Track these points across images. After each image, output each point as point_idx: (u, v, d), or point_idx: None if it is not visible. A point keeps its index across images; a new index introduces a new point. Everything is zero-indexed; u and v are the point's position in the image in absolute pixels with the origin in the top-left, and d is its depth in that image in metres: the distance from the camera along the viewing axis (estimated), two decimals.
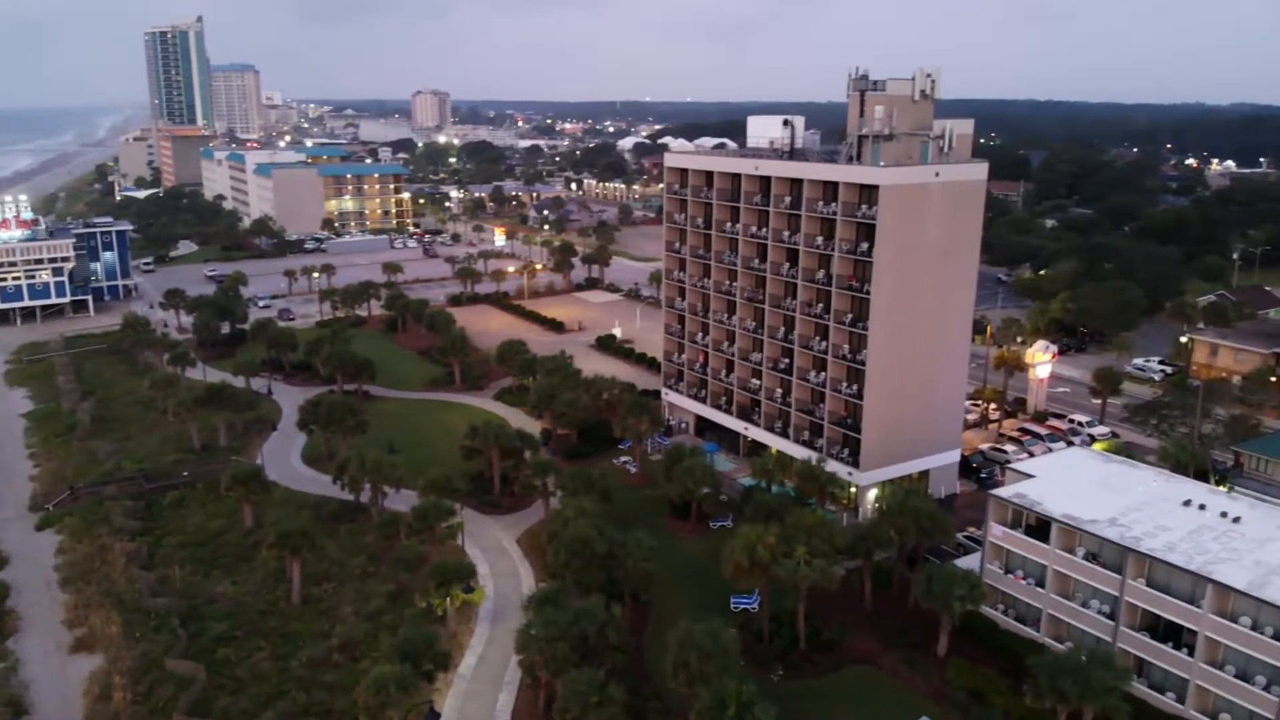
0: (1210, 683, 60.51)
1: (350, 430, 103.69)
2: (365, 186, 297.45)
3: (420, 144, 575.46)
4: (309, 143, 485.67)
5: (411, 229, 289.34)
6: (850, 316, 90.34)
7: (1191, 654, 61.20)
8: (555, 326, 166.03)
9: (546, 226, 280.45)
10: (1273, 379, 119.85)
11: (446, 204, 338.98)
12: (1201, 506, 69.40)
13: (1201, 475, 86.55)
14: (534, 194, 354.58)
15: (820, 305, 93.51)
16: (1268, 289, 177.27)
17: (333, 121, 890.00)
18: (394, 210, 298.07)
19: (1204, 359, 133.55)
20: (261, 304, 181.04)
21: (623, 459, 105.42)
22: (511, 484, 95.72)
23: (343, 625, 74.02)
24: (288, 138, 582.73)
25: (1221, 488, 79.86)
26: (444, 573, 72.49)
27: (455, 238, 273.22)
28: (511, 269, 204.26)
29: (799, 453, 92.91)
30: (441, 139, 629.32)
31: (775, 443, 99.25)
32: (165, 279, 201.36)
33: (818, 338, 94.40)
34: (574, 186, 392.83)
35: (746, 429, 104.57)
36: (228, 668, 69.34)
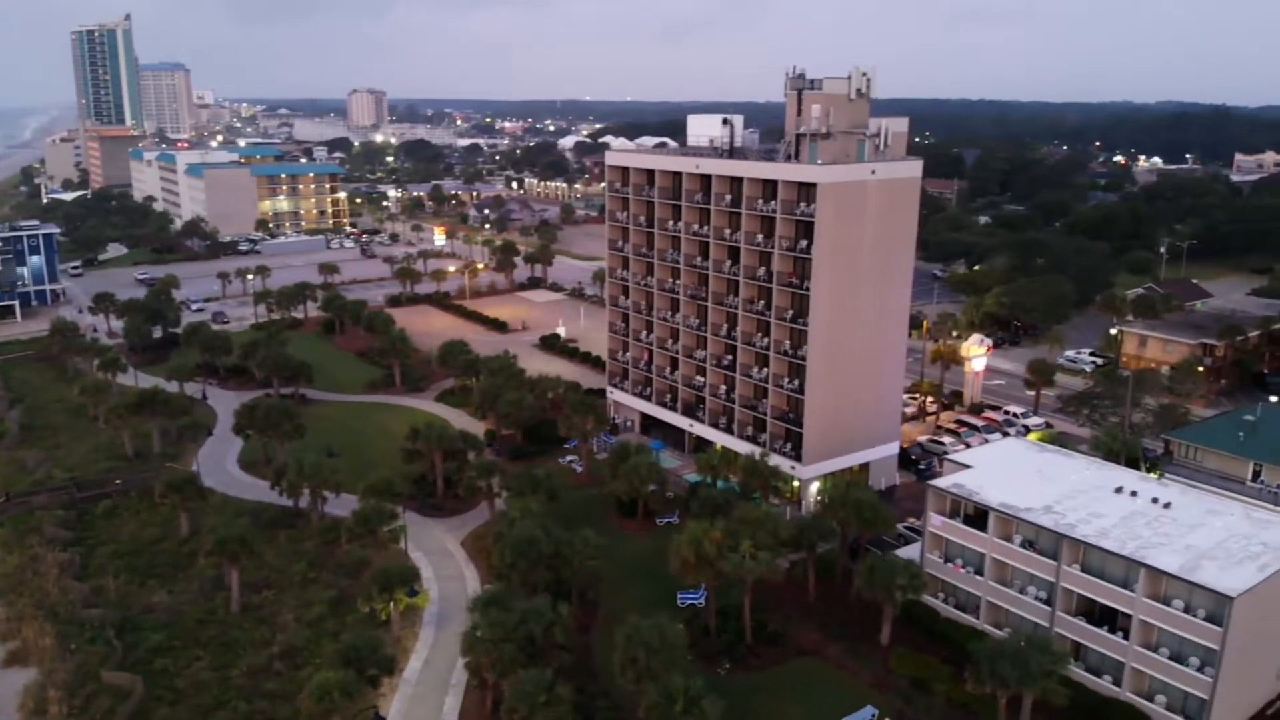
0: (1145, 665, 62.20)
1: (288, 434, 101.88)
2: (300, 186, 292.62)
3: (357, 143, 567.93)
4: (242, 142, 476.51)
5: (348, 229, 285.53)
6: (791, 313, 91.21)
7: (1126, 637, 62.85)
8: (498, 326, 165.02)
9: (487, 225, 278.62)
10: (1200, 369, 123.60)
11: (384, 203, 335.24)
12: (1133, 493, 71.32)
13: (1133, 463, 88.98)
14: (474, 193, 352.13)
15: (762, 302, 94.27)
16: (1194, 282, 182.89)
17: (266, 121, 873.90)
18: (330, 210, 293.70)
19: (1133, 350, 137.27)
20: (194, 307, 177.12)
21: (568, 458, 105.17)
22: (455, 486, 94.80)
23: (283, 633, 72.79)
24: (220, 137, 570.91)
25: (1152, 475, 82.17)
26: (387, 577, 71.60)
27: (394, 237, 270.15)
28: (452, 268, 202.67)
29: (743, 448, 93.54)
30: (378, 138, 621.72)
31: (720, 439, 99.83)
32: (94, 283, 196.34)
33: (760, 334, 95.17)
34: (515, 185, 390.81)
35: (691, 425, 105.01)
36: (166, 678, 67.78)
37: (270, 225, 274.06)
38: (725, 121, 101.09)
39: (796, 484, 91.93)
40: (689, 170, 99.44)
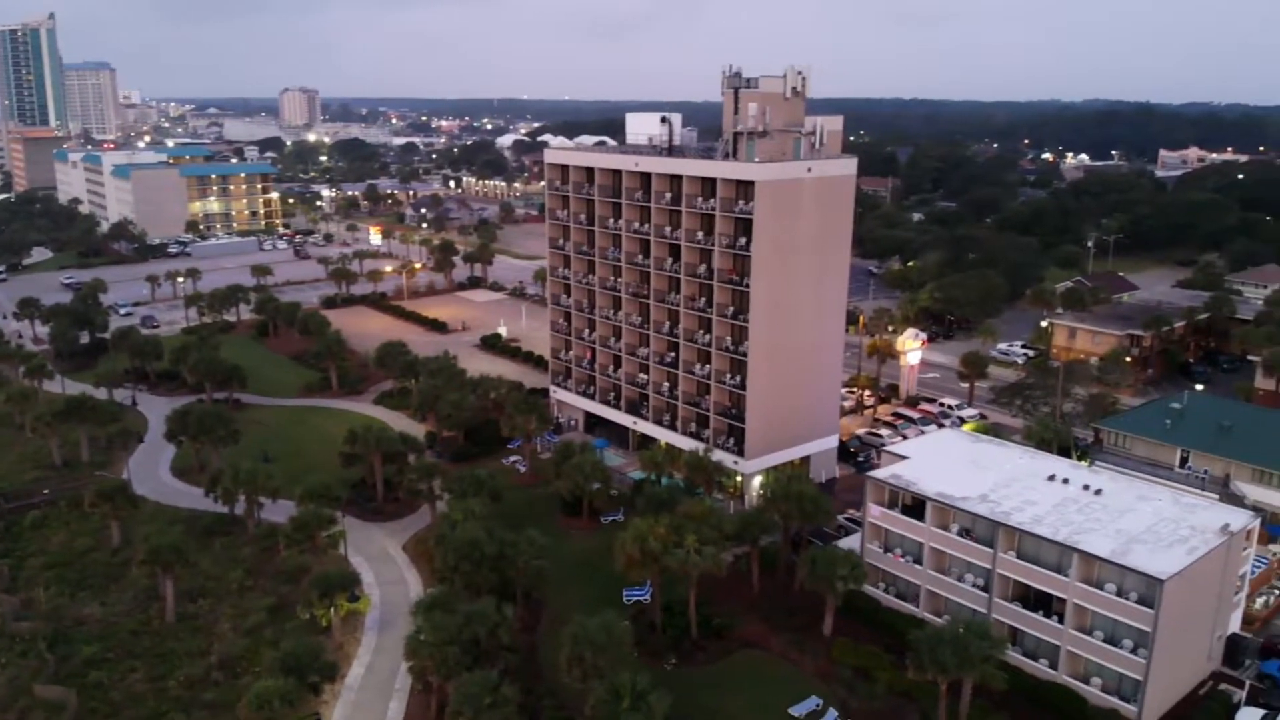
0: (1080, 648, 63.86)
1: (222, 440, 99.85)
2: (231, 187, 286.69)
3: (289, 143, 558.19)
4: (170, 143, 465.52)
5: (281, 230, 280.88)
6: (732, 309, 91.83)
7: (1061, 621, 64.48)
8: (437, 327, 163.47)
9: (425, 225, 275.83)
10: (1127, 359, 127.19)
11: (318, 203, 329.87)
12: (1065, 481, 73.16)
13: (1064, 451, 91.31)
14: (411, 192, 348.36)
15: (703, 299, 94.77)
16: (1121, 275, 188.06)
17: (195, 121, 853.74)
18: (262, 211, 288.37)
19: (1063, 342, 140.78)
20: (123, 311, 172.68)
21: (512, 458, 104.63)
22: (395, 489, 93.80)
23: (221, 642, 71.48)
24: (147, 138, 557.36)
25: (1083, 463, 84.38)
26: (326, 582, 70.65)
27: (328, 238, 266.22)
28: (389, 269, 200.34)
29: (687, 444, 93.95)
30: (311, 137, 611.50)
31: (664, 436, 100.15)
32: (18, 288, 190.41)
33: (701, 331, 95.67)
34: (452, 184, 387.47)
35: (635, 423, 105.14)
36: (101, 691, 66.11)
37: (201, 227, 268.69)
38: (664, 120, 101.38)
39: (739, 479, 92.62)
40: (628, 168, 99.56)
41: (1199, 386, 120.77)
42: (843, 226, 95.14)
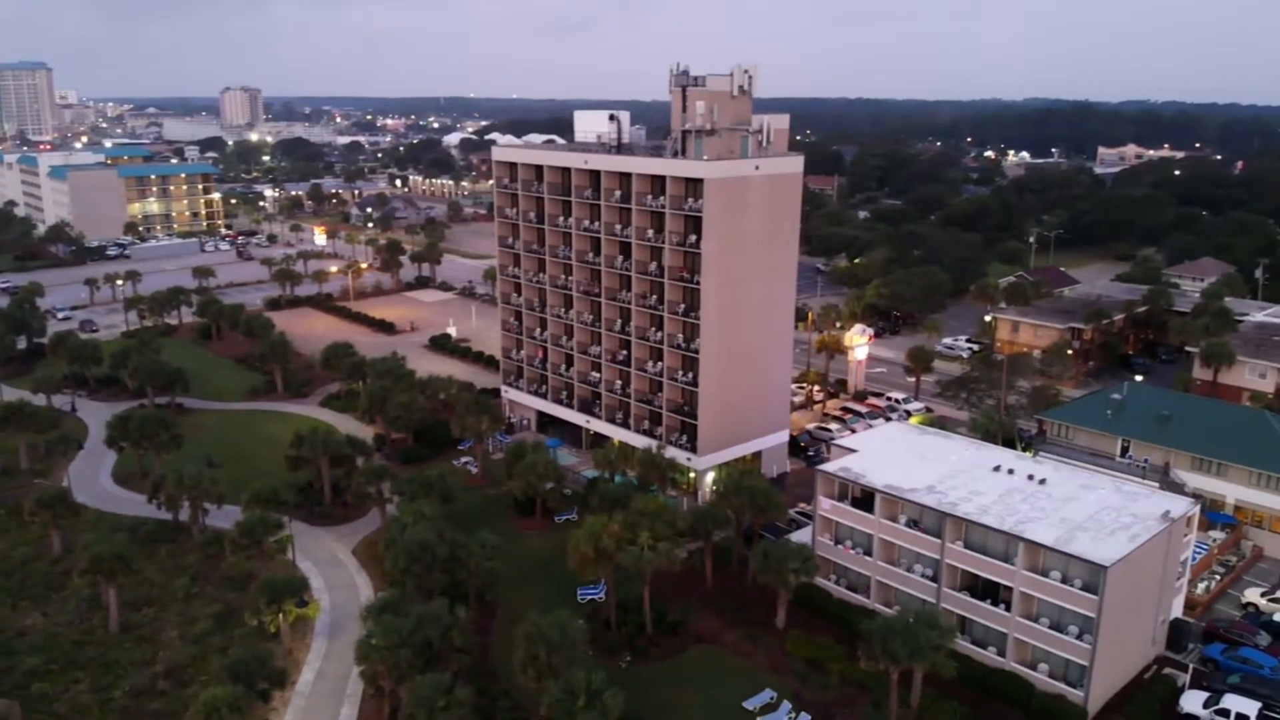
0: (1027, 635, 65.02)
1: (164, 445, 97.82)
2: (171, 188, 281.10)
3: (231, 142, 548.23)
4: (108, 143, 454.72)
5: (224, 231, 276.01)
6: (683, 307, 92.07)
7: (1009, 609, 65.60)
8: (385, 328, 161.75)
9: (371, 224, 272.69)
10: (1069, 352, 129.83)
11: (261, 204, 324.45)
12: (1010, 471, 74.49)
13: (1009, 443, 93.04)
14: (356, 191, 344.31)
15: (654, 297, 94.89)
16: (1062, 269, 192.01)
17: (134, 121, 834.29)
18: (204, 212, 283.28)
19: (1007, 336, 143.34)
20: (61, 315, 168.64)
21: (463, 460, 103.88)
22: (344, 493, 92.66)
23: (167, 650, 70.13)
24: (85, 139, 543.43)
25: (1027, 453, 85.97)
26: (274, 588, 69.57)
27: (271, 238, 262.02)
28: (334, 269, 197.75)
29: (640, 442, 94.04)
30: (254, 137, 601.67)
31: (617, 434, 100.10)
32: None
33: (653, 328, 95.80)
34: (399, 183, 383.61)
35: (588, 422, 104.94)
36: (45, 703, 64.57)
37: (140, 229, 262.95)
38: (612, 118, 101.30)
39: (692, 475, 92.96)
40: (578, 166, 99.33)
41: (1138, 378, 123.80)
42: (791, 224, 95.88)
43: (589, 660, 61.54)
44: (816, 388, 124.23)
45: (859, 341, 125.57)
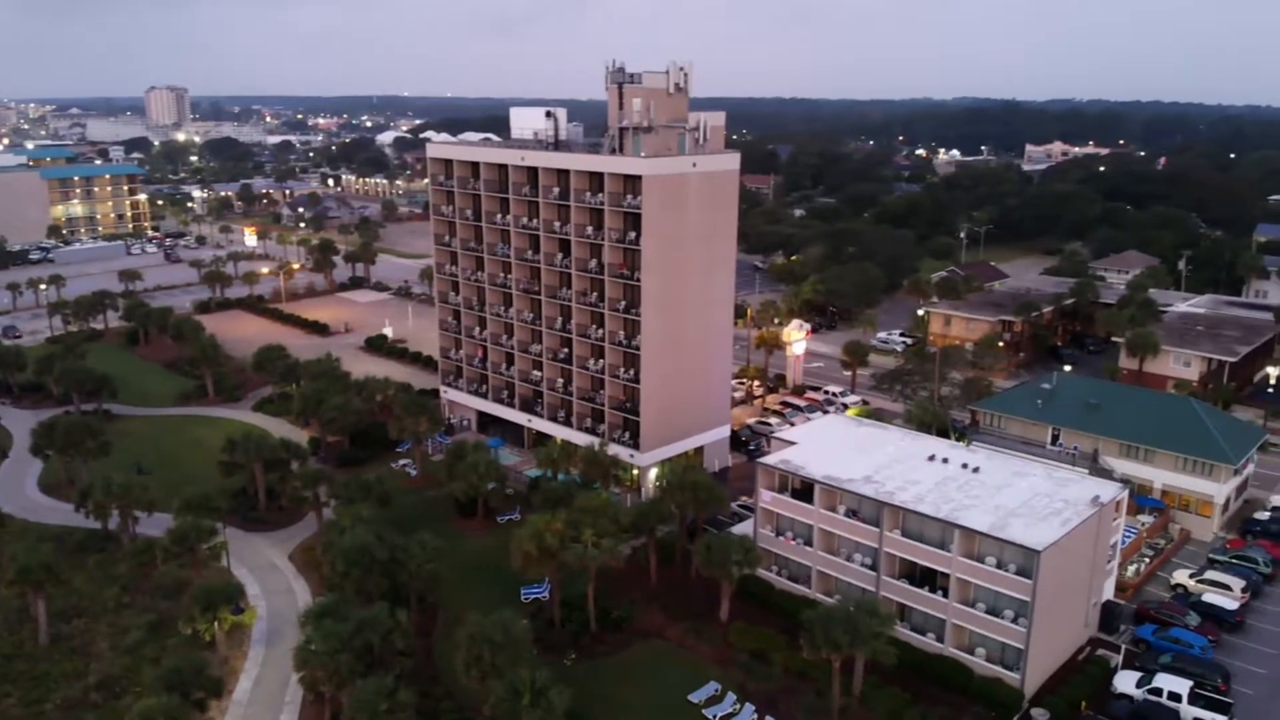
0: (964, 620, 66.26)
1: (92, 453, 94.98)
2: (96, 189, 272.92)
3: (157, 143, 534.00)
4: (30, 144, 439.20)
5: (151, 233, 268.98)
6: (623, 304, 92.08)
7: (946, 595, 66.80)
8: (319, 329, 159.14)
9: (303, 224, 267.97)
10: (1000, 344, 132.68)
11: (189, 205, 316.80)
12: (945, 460, 75.86)
13: (943, 433, 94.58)
14: (287, 191, 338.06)
15: (595, 294, 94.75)
16: (992, 264, 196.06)
17: (56, 121, 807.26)
18: (129, 213, 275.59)
19: (939, 329, 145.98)
20: None
21: (402, 462, 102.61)
22: (279, 498, 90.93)
23: (99, 662, 68.28)
24: (5, 140, 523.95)
25: (961, 443, 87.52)
26: (209, 596, 67.89)
27: (201, 240, 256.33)
28: (265, 270, 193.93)
29: (582, 440, 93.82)
30: (181, 137, 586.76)
31: (559, 432, 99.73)
32: None
33: (594, 326, 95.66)
34: (331, 183, 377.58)
35: (530, 421, 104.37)
36: None
37: (64, 231, 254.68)
38: (549, 114, 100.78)
39: (636, 471, 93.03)
40: (514, 162, 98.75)
41: (1067, 368, 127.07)
42: (728, 221, 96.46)
43: (533, 659, 61.36)
44: (756, 383, 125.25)
45: (797, 337, 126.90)
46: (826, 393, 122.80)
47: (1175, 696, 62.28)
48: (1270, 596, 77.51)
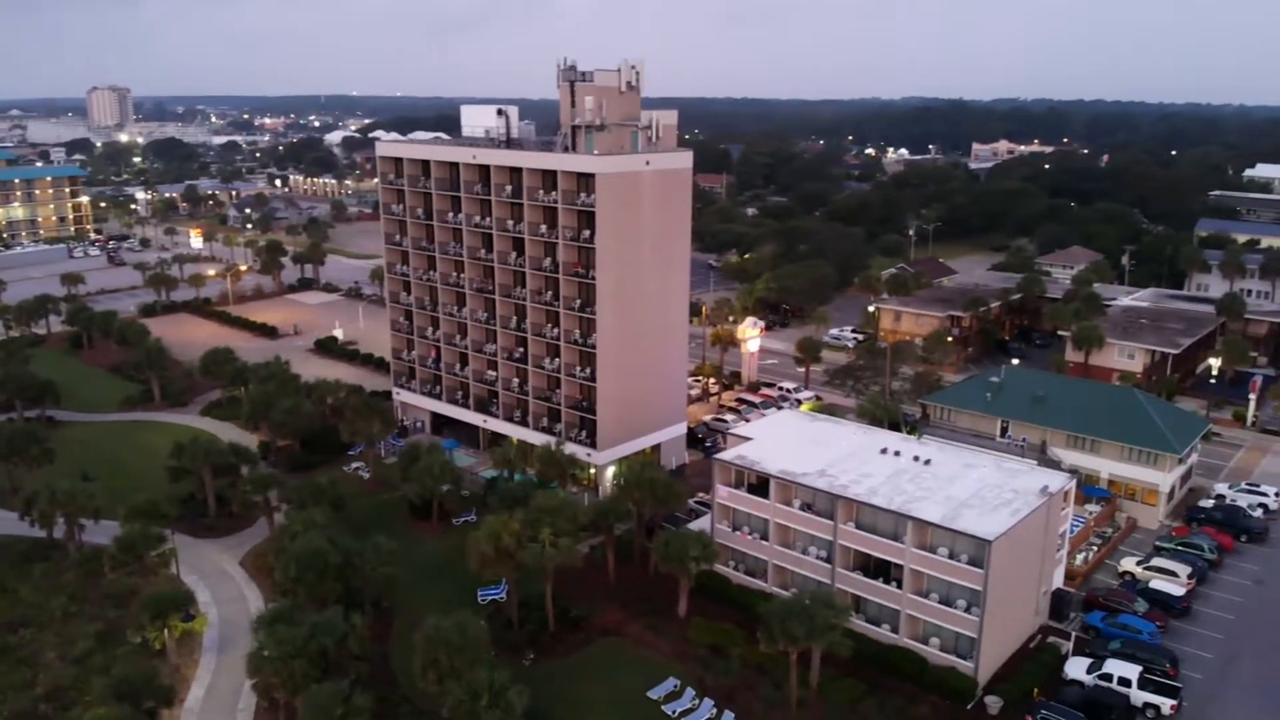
0: (918, 611, 67.09)
1: (36, 460, 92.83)
2: (36, 192, 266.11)
3: (99, 144, 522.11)
4: None
5: (94, 235, 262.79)
6: (579, 302, 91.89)
7: (900, 586, 67.60)
8: (267, 332, 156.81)
9: (250, 226, 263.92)
10: (949, 339, 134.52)
11: (133, 206, 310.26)
12: (897, 453, 76.78)
13: (894, 426, 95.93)
14: (233, 192, 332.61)
15: (550, 292, 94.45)
16: (940, 260, 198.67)
17: None
18: (71, 216, 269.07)
19: (890, 325, 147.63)
20: None
21: (354, 465, 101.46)
22: (229, 504, 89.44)
23: (47, 672, 66.88)
24: None
25: (912, 436, 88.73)
26: (158, 603, 66.81)
27: (145, 243, 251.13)
28: (212, 272, 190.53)
29: (539, 439, 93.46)
30: (124, 138, 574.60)
31: (515, 432, 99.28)
32: None
33: (549, 324, 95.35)
34: (279, 183, 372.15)
35: (485, 421, 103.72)
36: None
37: (4, 235, 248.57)
38: (500, 112, 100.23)
39: (593, 470, 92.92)
40: (466, 160, 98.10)
41: (1015, 361, 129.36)
42: (682, 219, 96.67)
43: (491, 660, 60.83)
44: (712, 380, 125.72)
45: (751, 334, 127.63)
46: (781, 389, 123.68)
47: (1125, 681, 63.55)
48: (1215, 582, 79.39)
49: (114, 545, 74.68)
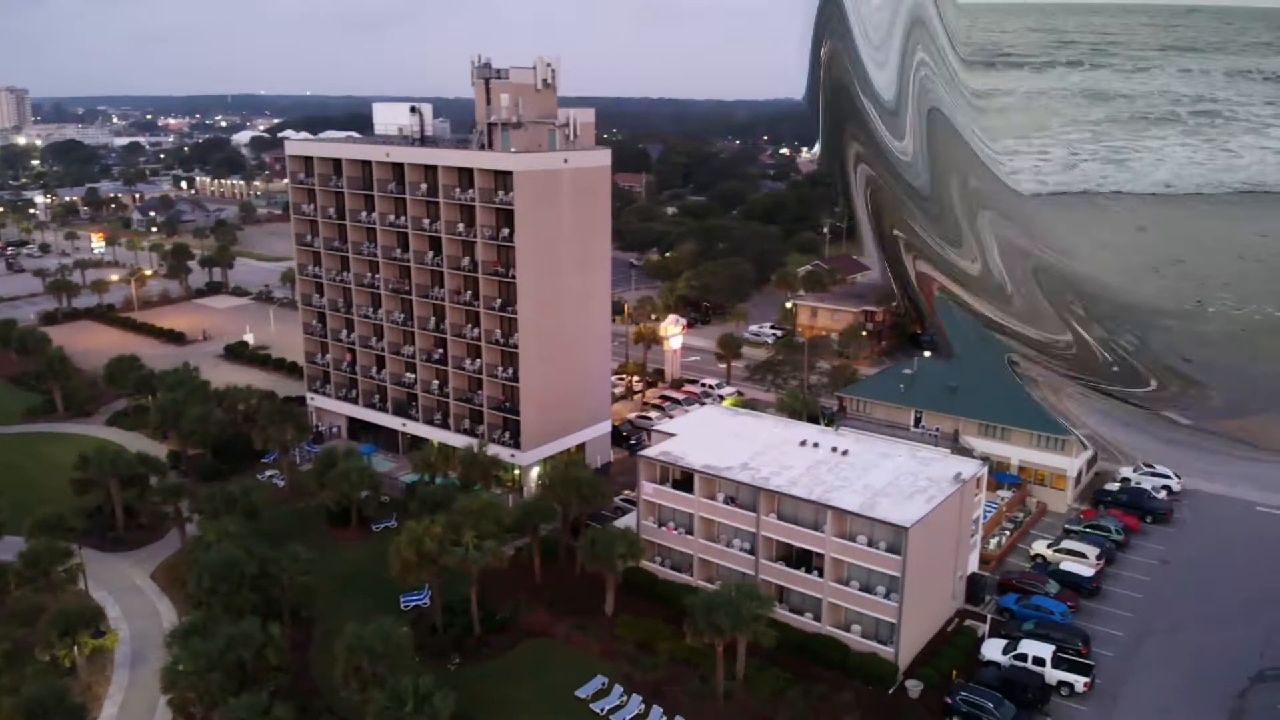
0: (839, 599, 68.31)
1: None
2: None
3: None
4: None
5: None
6: (499, 301, 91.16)
7: (821, 575, 68.73)
8: (175, 338, 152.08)
9: (155, 229, 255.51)
10: (863, 333, 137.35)
11: (31, 211, 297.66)
12: (815, 445, 78.06)
13: (813, 419, 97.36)
14: (137, 195, 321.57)
15: (469, 292, 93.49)
16: (854, 257, 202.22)
17: None
18: None
19: (807, 321, 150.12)
20: None
21: (269, 473, 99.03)
22: (138, 515, 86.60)
23: None
24: None
25: (830, 428, 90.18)
26: (66, 620, 64.53)
27: (45, 248, 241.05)
28: (115, 278, 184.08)
29: (460, 442, 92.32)
30: (21, 140, 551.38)
31: (436, 435, 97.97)
32: None
33: (469, 325, 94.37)
34: (185, 185, 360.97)
35: (404, 425, 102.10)
36: None
37: None
38: (414, 110, 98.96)
39: (517, 471, 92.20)
40: (379, 159, 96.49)
41: (927, 354, 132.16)
42: (602, 217, 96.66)
43: (415, 666, 60.21)
44: (636, 378, 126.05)
45: (673, 332, 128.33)
46: (703, 385, 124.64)
47: (1040, 661, 65.54)
48: (1123, 563, 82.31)
49: (19, 561, 71.87)
